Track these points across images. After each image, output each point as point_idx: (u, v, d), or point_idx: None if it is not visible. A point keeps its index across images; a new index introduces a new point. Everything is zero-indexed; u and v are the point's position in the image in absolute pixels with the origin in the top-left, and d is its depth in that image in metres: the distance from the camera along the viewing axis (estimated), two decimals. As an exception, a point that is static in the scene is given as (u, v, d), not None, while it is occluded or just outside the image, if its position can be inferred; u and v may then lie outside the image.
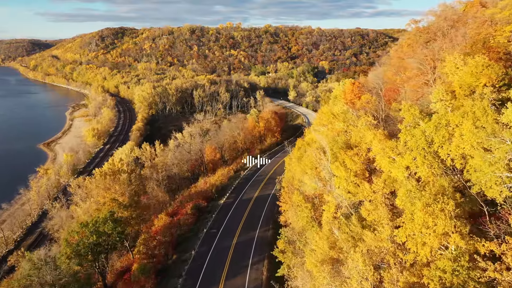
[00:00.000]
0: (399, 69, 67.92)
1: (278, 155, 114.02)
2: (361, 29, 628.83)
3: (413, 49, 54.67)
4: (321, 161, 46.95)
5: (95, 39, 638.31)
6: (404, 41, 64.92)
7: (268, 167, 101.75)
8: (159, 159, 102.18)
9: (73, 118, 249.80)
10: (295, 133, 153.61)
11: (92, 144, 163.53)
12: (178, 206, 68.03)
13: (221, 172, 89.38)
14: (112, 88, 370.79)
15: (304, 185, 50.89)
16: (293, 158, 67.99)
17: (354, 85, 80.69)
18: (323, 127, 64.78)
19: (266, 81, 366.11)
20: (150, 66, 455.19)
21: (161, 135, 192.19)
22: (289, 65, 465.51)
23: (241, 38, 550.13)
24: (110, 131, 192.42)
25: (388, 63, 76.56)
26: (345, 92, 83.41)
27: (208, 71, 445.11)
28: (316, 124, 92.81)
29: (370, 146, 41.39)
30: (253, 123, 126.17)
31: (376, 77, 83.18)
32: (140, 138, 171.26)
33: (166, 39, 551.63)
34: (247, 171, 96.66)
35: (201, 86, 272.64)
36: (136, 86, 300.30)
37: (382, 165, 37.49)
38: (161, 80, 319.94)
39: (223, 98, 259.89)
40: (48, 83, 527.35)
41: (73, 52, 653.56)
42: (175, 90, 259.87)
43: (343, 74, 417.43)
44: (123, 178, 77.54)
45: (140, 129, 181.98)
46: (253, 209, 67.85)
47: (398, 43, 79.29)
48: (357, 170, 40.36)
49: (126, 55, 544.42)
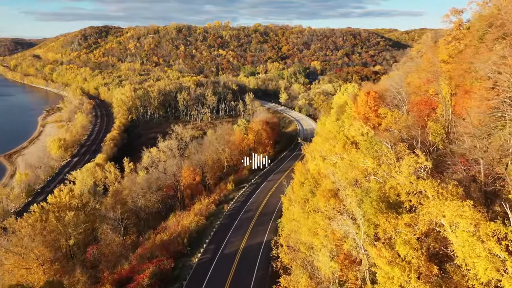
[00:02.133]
0: (436, 75, 50.59)
1: (271, 177, 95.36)
2: (353, 28, 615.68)
3: (477, 49, 37.13)
4: (347, 234, 29.13)
5: (78, 38, 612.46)
6: (445, 38, 47.58)
7: (259, 195, 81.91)
8: (125, 183, 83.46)
9: (45, 124, 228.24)
10: (289, 144, 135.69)
11: (58, 156, 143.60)
12: (134, 267, 49.76)
13: (198, 207, 70.89)
14: (92, 90, 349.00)
15: (315, 258, 33.24)
16: (295, 201, 49.95)
17: (370, 96, 63.20)
18: (336, 156, 47.18)
19: (256, 82, 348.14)
20: (134, 66, 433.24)
21: (139, 144, 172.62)
22: (279, 65, 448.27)
23: (230, 37, 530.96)
24: (82, 140, 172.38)
25: (414, 67, 59.62)
26: (357, 104, 65.91)
27: (195, 71, 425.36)
28: (319, 143, 75.20)
29: (437, 216, 23.78)
30: (241, 135, 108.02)
31: (395, 85, 65.84)
32: (114, 149, 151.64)
33: (151, 38, 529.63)
34: (232, 203, 76.84)
35: (186, 88, 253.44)
36: (116, 88, 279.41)
37: (479, 269, 19.83)
38: (144, 82, 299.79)
39: (210, 101, 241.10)
40: (27, 84, 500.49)
41: (54, 51, 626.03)
42: (157, 93, 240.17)
43: (335, 75, 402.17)
44: (69, 217, 58.87)
45: (115, 138, 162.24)
46: (239, 273, 48.67)
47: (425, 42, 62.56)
48: (420, 263, 22.59)
49: (110, 55, 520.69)
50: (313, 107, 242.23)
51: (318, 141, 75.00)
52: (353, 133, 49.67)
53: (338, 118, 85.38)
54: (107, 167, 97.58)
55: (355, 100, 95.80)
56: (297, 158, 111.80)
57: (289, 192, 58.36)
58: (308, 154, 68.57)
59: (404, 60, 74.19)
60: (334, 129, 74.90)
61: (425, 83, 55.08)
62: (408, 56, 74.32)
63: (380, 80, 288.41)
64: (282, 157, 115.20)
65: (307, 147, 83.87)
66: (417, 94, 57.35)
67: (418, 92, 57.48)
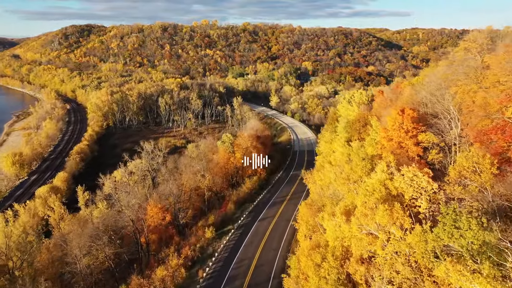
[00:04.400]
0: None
1: (263, 212, 73.84)
2: (344, 28, 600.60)
3: None
4: None
5: (58, 37, 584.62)
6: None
7: (248, 248, 59.25)
8: (68, 226, 62.89)
9: (11, 132, 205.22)
10: (283, 159, 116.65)
11: (13, 174, 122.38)
12: None
13: (161, 274, 50.59)
14: (70, 92, 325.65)
15: None
16: None
17: (405, 115, 44.68)
18: (381, 232, 28.48)
19: (245, 84, 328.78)
20: (116, 67, 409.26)
21: (114, 156, 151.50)
22: (269, 66, 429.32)
23: (218, 36, 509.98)
24: (47, 153, 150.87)
25: (472, 76, 41.31)
26: (386, 128, 47.34)
27: (181, 72, 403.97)
28: (329, 175, 56.26)
29: None
30: (226, 154, 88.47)
31: (436, 97, 47.37)
32: (81, 165, 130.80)
33: (135, 38, 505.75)
34: (211, 264, 55.51)
35: (169, 91, 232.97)
36: (93, 91, 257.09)
37: None
38: (125, 84, 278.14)
39: (195, 105, 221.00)
40: (2, 86, 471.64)
41: (34, 51, 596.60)
42: (137, 97, 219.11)
43: (328, 76, 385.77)
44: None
45: (83, 151, 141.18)
46: None
47: (477, 41, 44.37)
48: None
49: (92, 55, 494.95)
50: (307, 111, 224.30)
51: (327, 171, 56.12)
52: (401, 186, 30.85)
53: (350, 138, 66.57)
54: (51, 202, 76.58)
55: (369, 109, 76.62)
56: (294, 181, 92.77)
57: (294, 267, 39.40)
58: (316, 196, 49.77)
59: (444, 63, 55.59)
60: (346, 154, 56.35)
61: (501, 101, 36.57)
62: (450, 58, 55.70)
63: (389, 83, 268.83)
64: (277, 181, 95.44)
65: (310, 178, 65.16)
66: (481, 115, 38.82)
67: (482, 112, 38.94)
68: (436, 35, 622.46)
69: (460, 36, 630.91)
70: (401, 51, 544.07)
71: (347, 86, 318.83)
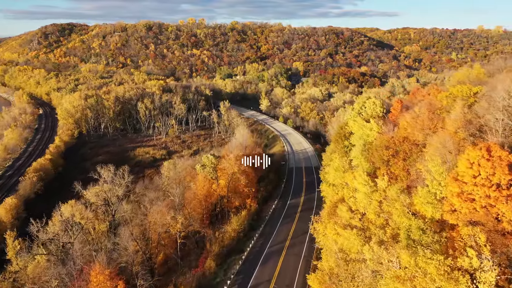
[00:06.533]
0: None
1: (254, 276, 51.32)
2: (335, 27, 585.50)
3: None
4: None
5: (38, 36, 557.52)
6: None
7: None
8: None
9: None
10: (277, 180, 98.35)
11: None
12: None
13: None
14: (45, 95, 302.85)
15: None
16: None
17: (494, 158, 26.93)
18: None
19: (233, 85, 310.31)
20: (97, 67, 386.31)
21: (82, 171, 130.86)
22: (259, 66, 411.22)
23: (205, 36, 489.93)
24: (2, 169, 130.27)
25: None
26: (457, 178, 29.63)
27: (167, 73, 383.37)
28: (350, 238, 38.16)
29: None
30: (207, 184, 69.15)
31: None
32: (38, 185, 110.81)
33: (118, 37, 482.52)
34: None
35: (150, 94, 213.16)
36: (67, 94, 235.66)
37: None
38: (103, 86, 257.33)
39: (178, 110, 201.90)
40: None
41: (12, 51, 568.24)
42: (114, 101, 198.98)
43: (320, 77, 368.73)
44: None
45: (44, 167, 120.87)
46: None
47: None
48: None
49: (72, 55, 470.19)
50: (300, 116, 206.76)
51: (347, 233, 37.92)
52: None
53: (375, 169, 48.91)
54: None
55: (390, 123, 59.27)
56: (293, 215, 74.35)
57: None
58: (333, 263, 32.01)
59: None
60: (375, 201, 38.81)
61: None
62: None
63: (384, 84, 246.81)
64: (272, 215, 75.21)
65: (321, 227, 47.27)
66: None
67: None
68: (428, 34, 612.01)
69: (452, 36, 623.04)
70: (393, 51, 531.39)
71: (340, 88, 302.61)
